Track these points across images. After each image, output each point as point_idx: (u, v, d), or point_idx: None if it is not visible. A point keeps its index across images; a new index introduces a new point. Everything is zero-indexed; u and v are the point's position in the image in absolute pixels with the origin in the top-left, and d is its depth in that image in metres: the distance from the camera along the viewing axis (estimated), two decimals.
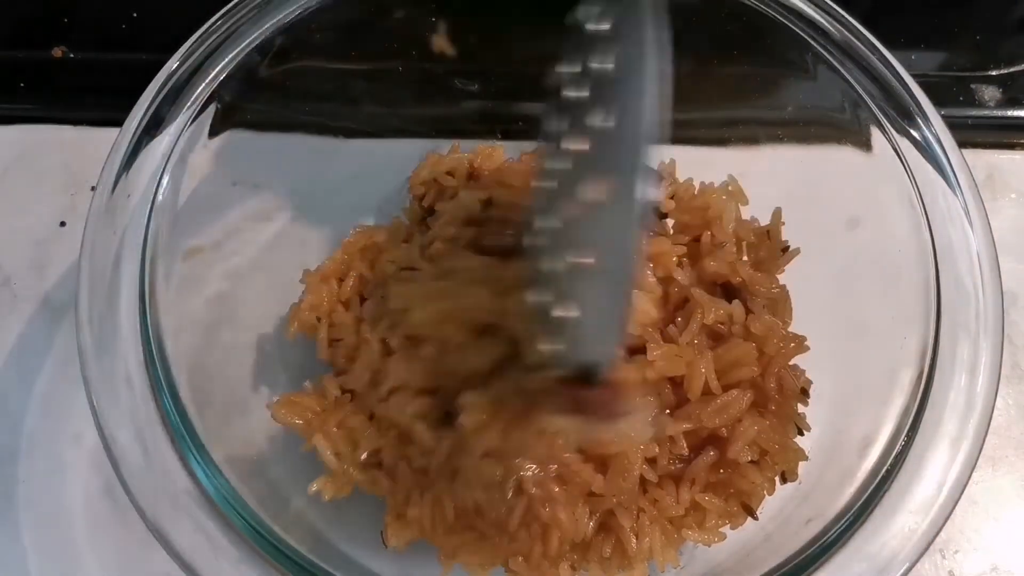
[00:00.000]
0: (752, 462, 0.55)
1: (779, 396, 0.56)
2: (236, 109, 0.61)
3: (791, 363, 0.58)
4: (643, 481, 0.54)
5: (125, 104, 0.58)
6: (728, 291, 0.60)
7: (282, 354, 0.65)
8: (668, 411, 0.56)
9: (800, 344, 0.58)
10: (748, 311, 0.58)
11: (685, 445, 0.55)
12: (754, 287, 0.59)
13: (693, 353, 0.55)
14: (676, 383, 0.55)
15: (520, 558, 0.53)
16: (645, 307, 0.57)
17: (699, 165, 0.65)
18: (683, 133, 0.72)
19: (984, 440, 0.51)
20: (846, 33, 0.62)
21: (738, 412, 0.54)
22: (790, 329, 0.60)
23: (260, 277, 0.65)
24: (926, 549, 0.49)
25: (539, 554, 0.53)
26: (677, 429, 0.54)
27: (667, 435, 0.54)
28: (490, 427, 0.51)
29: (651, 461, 0.54)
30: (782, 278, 0.63)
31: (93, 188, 0.65)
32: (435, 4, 0.69)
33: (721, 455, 0.55)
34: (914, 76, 0.61)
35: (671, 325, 0.58)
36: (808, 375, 0.59)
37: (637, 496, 0.54)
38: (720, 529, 0.56)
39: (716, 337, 0.58)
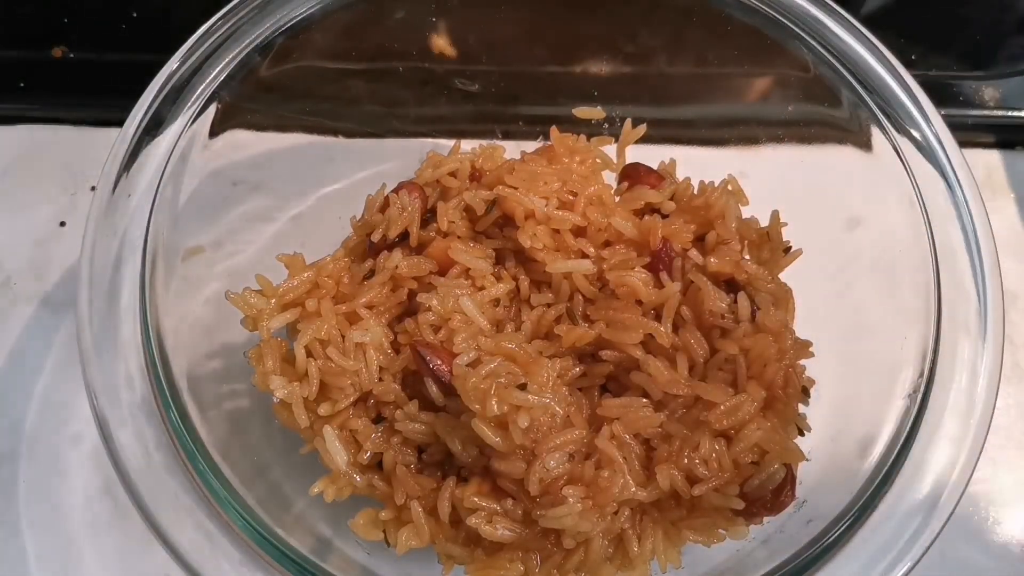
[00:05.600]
0: (753, 463, 0.55)
1: (785, 395, 0.56)
2: (236, 109, 0.61)
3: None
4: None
5: (125, 104, 0.58)
6: (731, 288, 0.60)
7: None
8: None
9: (805, 348, 0.58)
10: (755, 307, 0.58)
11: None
12: (758, 283, 0.59)
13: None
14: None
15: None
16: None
17: (699, 165, 0.65)
18: (683, 133, 0.72)
19: (985, 440, 0.51)
20: (846, 33, 0.62)
21: (747, 415, 0.54)
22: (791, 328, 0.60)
23: None
24: (927, 550, 0.49)
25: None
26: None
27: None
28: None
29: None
30: (782, 278, 0.63)
31: (93, 188, 0.65)
32: (435, 4, 0.69)
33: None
34: (914, 76, 0.61)
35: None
36: (808, 375, 0.59)
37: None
38: (719, 530, 0.55)
39: (721, 332, 0.58)
